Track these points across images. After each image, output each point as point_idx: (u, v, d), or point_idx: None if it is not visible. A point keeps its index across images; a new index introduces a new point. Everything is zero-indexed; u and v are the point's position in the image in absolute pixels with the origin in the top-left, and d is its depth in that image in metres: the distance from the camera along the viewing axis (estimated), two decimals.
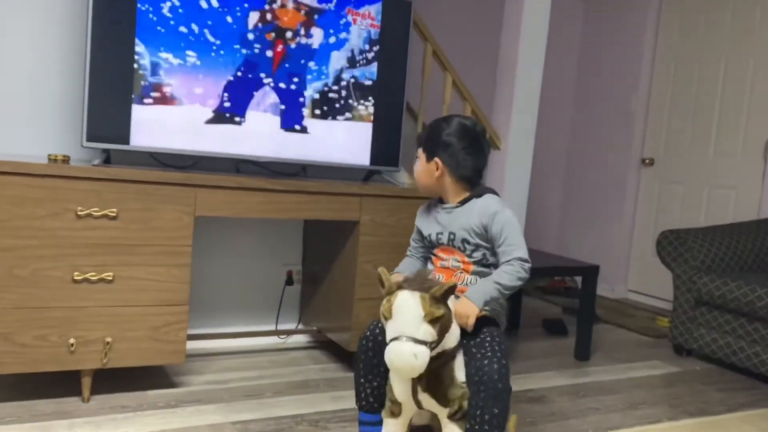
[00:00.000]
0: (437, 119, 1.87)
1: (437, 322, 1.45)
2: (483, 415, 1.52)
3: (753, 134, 4.03)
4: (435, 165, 1.81)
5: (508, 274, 1.69)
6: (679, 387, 2.86)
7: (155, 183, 2.15)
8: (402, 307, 1.44)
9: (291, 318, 3.05)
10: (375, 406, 1.71)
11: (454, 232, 1.80)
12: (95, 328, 2.10)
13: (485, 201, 1.79)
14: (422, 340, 1.42)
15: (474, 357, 1.59)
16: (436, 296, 1.47)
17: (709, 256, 3.24)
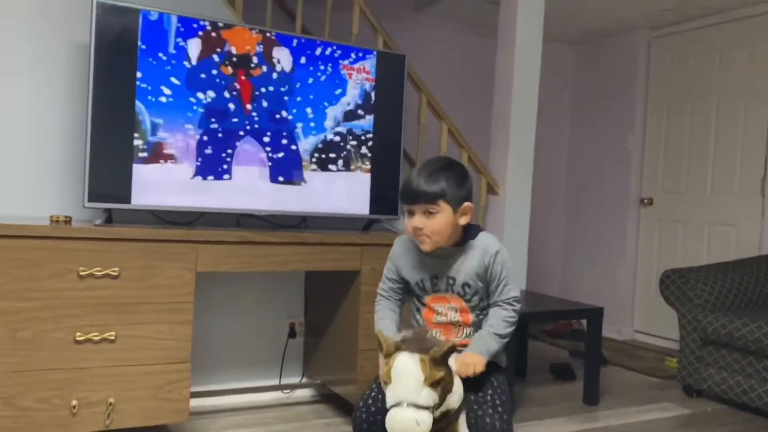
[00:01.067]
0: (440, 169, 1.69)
1: (438, 384, 1.41)
2: None
3: (749, 171, 4.06)
4: (464, 211, 1.70)
5: (502, 321, 1.68)
6: (691, 429, 2.81)
7: (156, 241, 2.17)
8: (402, 372, 1.40)
9: (295, 371, 3.02)
10: None
11: (453, 277, 1.72)
12: (98, 388, 2.09)
13: (485, 241, 1.73)
14: (424, 405, 1.38)
15: (475, 413, 1.54)
16: (437, 358, 1.42)
17: (713, 294, 3.23)
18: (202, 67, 2.46)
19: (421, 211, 1.67)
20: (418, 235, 1.69)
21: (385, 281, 1.85)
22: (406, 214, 1.72)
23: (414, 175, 1.70)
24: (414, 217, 1.68)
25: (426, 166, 1.70)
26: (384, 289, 1.85)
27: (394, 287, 1.83)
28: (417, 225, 1.67)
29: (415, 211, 1.68)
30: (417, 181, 1.67)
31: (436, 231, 1.67)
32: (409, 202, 1.69)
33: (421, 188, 1.66)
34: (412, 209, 1.68)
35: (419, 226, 1.66)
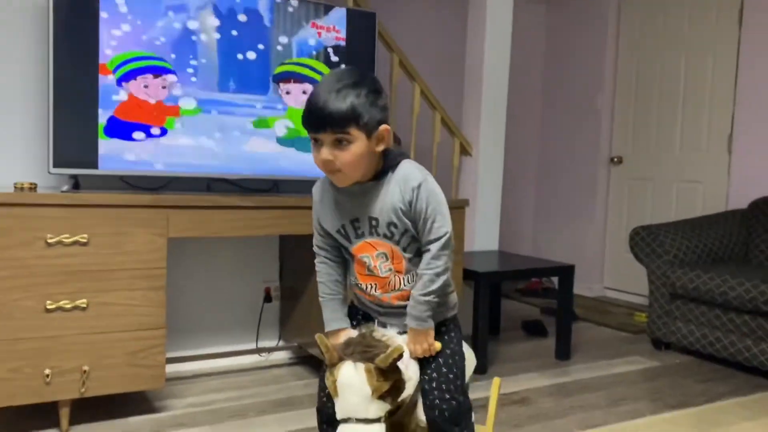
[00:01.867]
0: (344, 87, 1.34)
1: (388, 394, 1.32)
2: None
3: (716, 128, 4.11)
4: (380, 136, 1.39)
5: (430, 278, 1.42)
6: (659, 381, 2.89)
7: (126, 206, 2.13)
8: (347, 385, 1.30)
9: (271, 335, 3.03)
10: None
11: (376, 217, 1.43)
12: (71, 357, 2.07)
13: (405, 171, 1.42)
14: (374, 419, 1.30)
15: (426, 399, 1.44)
16: (383, 368, 1.30)
17: (681, 250, 3.30)
18: (168, 27, 2.39)
19: (329, 141, 1.35)
20: (328, 170, 1.39)
21: (316, 235, 1.58)
22: (312, 143, 1.40)
23: (318, 92, 1.35)
24: (322, 148, 1.36)
25: (330, 81, 1.35)
26: (318, 245, 1.59)
27: (327, 241, 1.56)
28: (326, 158, 1.35)
29: (323, 141, 1.36)
30: (322, 101, 1.33)
31: (349, 163, 1.36)
32: (314, 130, 1.36)
33: (327, 110, 1.32)
34: (318, 138, 1.36)
35: (329, 159, 1.35)
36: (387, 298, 1.49)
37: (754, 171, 3.84)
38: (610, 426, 2.32)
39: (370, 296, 1.51)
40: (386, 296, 1.49)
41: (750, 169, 3.87)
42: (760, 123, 3.81)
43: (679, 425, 2.34)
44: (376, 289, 1.49)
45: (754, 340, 2.89)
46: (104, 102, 2.31)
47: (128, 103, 2.35)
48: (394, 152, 1.46)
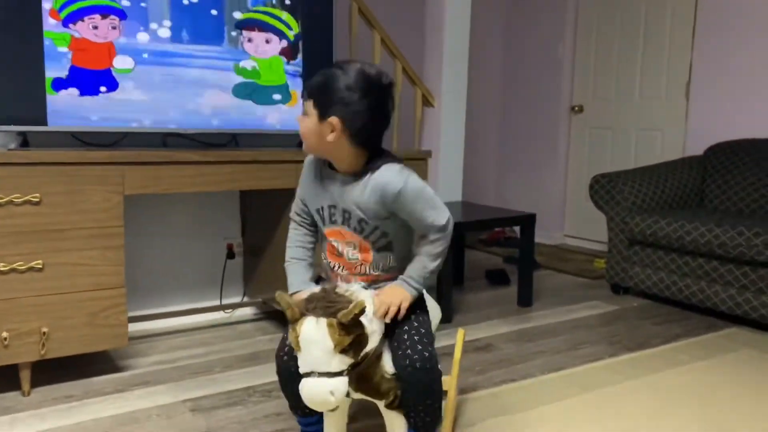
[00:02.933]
0: (335, 65, 1.47)
1: (350, 348, 1.33)
2: (417, 406, 1.48)
3: (674, 76, 4.15)
4: (330, 127, 1.43)
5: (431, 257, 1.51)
6: (617, 324, 2.98)
7: (78, 164, 2.06)
8: (309, 340, 1.30)
9: (235, 292, 3.01)
10: (309, 411, 1.56)
11: (349, 211, 1.50)
12: (29, 319, 2.02)
13: (386, 177, 1.45)
14: (336, 372, 1.32)
15: (396, 353, 1.46)
16: (345, 323, 1.31)
17: (640, 197, 3.36)
18: None
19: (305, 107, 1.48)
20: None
21: (297, 202, 1.65)
22: None
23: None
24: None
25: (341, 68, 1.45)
26: (296, 212, 1.66)
27: (306, 210, 1.63)
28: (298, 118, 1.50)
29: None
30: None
31: (302, 134, 1.48)
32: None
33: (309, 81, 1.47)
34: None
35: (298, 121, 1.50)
36: (353, 279, 1.56)
37: (710, 118, 3.90)
38: (571, 369, 2.39)
39: (337, 275, 1.59)
40: (352, 278, 1.56)
41: (706, 115, 3.93)
42: (716, 70, 3.86)
43: (636, 367, 2.42)
44: (343, 270, 1.57)
45: (707, 283, 2.99)
46: (51, 53, 2.21)
47: (77, 47, 2.25)
48: (382, 155, 1.51)
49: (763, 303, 2.78)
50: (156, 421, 1.93)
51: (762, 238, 2.73)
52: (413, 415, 1.50)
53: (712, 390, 2.21)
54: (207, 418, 1.96)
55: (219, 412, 2.01)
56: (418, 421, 1.51)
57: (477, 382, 2.26)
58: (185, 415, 1.98)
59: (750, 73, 3.69)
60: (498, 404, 2.07)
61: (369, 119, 1.43)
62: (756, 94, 3.66)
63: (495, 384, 2.24)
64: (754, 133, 3.64)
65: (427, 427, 1.52)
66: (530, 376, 2.32)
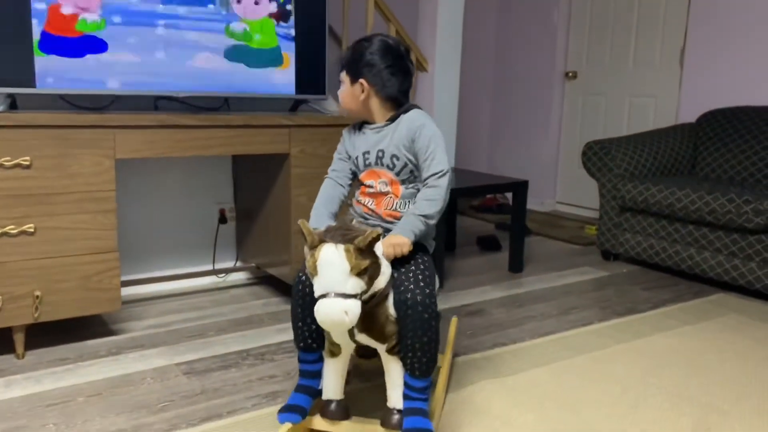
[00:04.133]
0: (359, 40, 1.76)
1: (365, 273, 1.40)
2: (414, 344, 1.53)
3: (669, 43, 4.13)
4: (360, 87, 1.72)
5: (430, 202, 1.66)
6: (607, 290, 3.01)
7: (69, 127, 2.04)
8: (327, 263, 1.38)
9: (228, 256, 3.02)
10: (314, 346, 1.66)
11: (382, 149, 1.73)
12: (22, 282, 2.02)
13: (412, 115, 1.74)
14: (351, 294, 1.38)
15: (398, 289, 1.55)
16: (361, 247, 1.40)
17: (632, 164, 3.37)
18: None
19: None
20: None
21: (336, 160, 1.87)
22: None
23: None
24: None
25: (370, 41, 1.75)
26: (334, 169, 1.87)
27: (344, 165, 1.85)
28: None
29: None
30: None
31: (341, 99, 1.78)
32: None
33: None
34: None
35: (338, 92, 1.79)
36: (379, 211, 1.75)
37: (703, 84, 3.90)
38: (562, 333, 2.42)
39: (367, 208, 1.77)
40: (379, 210, 1.75)
41: (700, 82, 3.92)
42: (712, 37, 3.84)
43: (625, 331, 2.46)
44: (373, 204, 1.77)
45: (697, 249, 3.02)
46: (38, 12, 2.16)
47: (60, 8, 2.20)
48: (409, 104, 1.78)
49: (751, 269, 2.81)
50: (150, 384, 1.95)
51: (752, 205, 2.75)
52: (410, 356, 1.54)
53: (699, 353, 2.25)
54: (201, 380, 1.98)
55: (213, 374, 2.03)
56: (414, 361, 1.55)
57: (468, 345, 2.29)
58: (179, 378, 2.00)
59: (745, 42, 3.67)
60: (489, 367, 2.10)
61: (390, 76, 1.72)
62: (750, 62, 3.65)
63: (486, 348, 2.27)
64: (747, 100, 3.64)
65: (424, 369, 1.56)
66: (521, 340, 2.35)
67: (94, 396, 1.87)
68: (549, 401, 1.87)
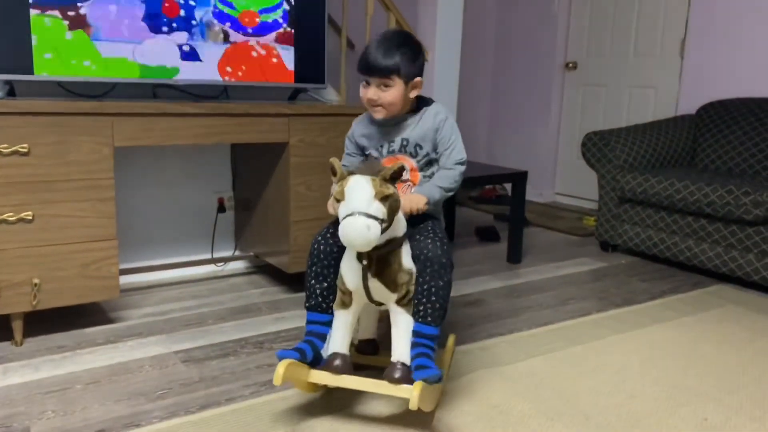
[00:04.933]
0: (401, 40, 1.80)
1: (387, 200, 1.52)
2: (430, 288, 1.63)
3: (670, 33, 4.11)
4: (413, 86, 1.83)
5: (448, 178, 1.84)
6: (605, 281, 3.02)
7: (67, 114, 2.03)
8: (354, 188, 1.50)
9: (227, 246, 3.02)
10: (323, 306, 1.74)
11: (407, 138, 1.86)
12: (20, 270, 2.02)
13: (437, 108, 1.89)
14: (374, 215, 1.49)
15: (418, 239, 1.70)
16: (386, 177, 1.55)
17: (632, 155, 3.36)
18: None
19: (376, 84, 1.80)
20: (372, 105, 1.83)
21: (345, 157, 1.97)
22: (362, 83, 1.83)
23: (372, 48, 1.79)
24: (369, 88, 1.81)
25: (384, 41, 1.79)
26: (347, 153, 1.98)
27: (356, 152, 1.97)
28: (371, 97, 1.81)
29: (371, 83, 1.80)
30: (375, 55, 1.77)
31: (388, 102, 1.81)
32: (367, 74, 1.80)
33: (378, 62, 1.77)
34: (369, 81, 1.81)
35: (374, 98, 1.81)
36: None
37: (703, 76, 3.89)
38: (559, 323, 2.43)
39: None
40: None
41: (700, 74, 3.91)
42: (712, 28, 3.82)
43: (623, 321, 2.46)
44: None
45: (695, 241, 3.02)
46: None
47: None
48: (427, 98, 1.92)
49: (749, 261, 2.82)
50: (148, 372, 1.96)
51: (750, 197, 2.75)
52: (425, 302, 1.63)
53: (697, 344, 2.26)
54: (199, 368, 1.99)
55: (211, 363, 2.03)
56: (428, 307, 1.63)
57: (467, 335, 2.29)
58: (177, 366, 2.00)
59: (745, 33, 3.66)
60: (487, 356, 2.10)
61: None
62: (750, 54, 3.64)
63: (484, 337, 2.28)
64: (747, 92, 3.63)
65: (437, 315, 1.64)
66: (519, 330, 2.36)
67: (92, 383, 1.87)
68: (546, 391, 1.88)
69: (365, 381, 1.63)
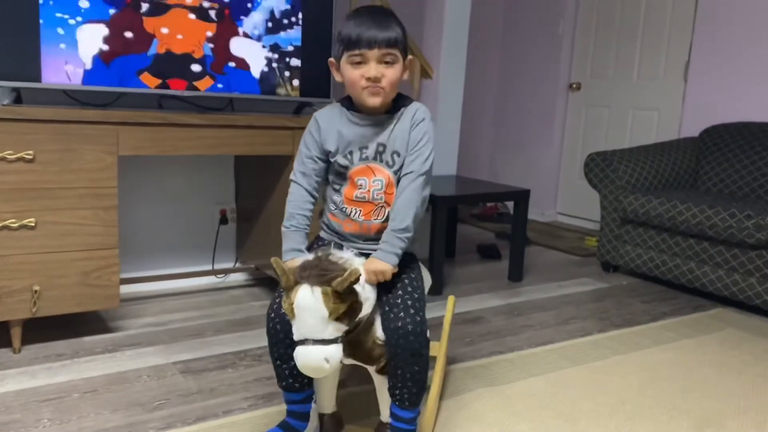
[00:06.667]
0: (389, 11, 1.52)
1: (344, 316, 1.33)
2: (405, 374, 1.46)
3: (673, 57, 4.14)
4: (411, 63, 1.54)
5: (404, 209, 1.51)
6: (606, 301, 3.01)
7: (73, 122, 2.04)
8: (304, 308, 1.29)
9: (228, 257, 3.01)
10: (297, 386, 1.55)
11: (384, 144, 1.54)
12: (21, 276, 2.02)
13: (414, 107, 1.57)
14: (331, 339, 1.31)
15: (388, 316, 1.47)
16: (340, 291, 1.31)
17: (634, 176, 3.37)
18: None
19: (376, 59, 1.45)
20: (372, 87, 1.47)
21: (304, 162, 1.59)
22: (347, 63, 1.48)
23: (363, 18, 1.46)
24: (368, 65, 1.46)
25: (372, 12, 1.49)
26: (301, 171, 1.60)
27: (314, 167, 1.59)
28: (375, 74, 1.45)
29: (369, 59, 1.45)
30: (370, 25, 1.44)
31: (392, 82, 1.48)
32: (366, 47, 1.44)
33: (382, 33, 1.44)
34: (366, 56, 1.45)
35: (377, 76, 1.46)
36: (367, 225, 1.56)
37: (706, 99, 3.90)
38: (560, 343, 2.42)
39: (351, 223, 1.58)
40: (367, 224, 1.56)
41: (703, 97, 3.92)
42: (716, 52, 3.84)
43: (624, 343, 2.45)
44: (360, 215, 1.57)
45: (697, 263, 3.01)
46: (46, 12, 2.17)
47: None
48: (406, 96, 1.60)
49: (750, 285, 2.81)
50: (146, 382, 1.95)
51: (753, 220, 2.75)
52: (400, 386, 1.48)
53: (697, 367, 2.24)
54: (197, 379, 1.98)
55: (209, 374, 2.02)
56: (405, 392, 1.48)
57: (466, 353, 2.28)
58: (176, 377, 1.99)
59: (749, 57, 3.68)
60: (486, 375, 2.09)
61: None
62: (754, 78, 3.66)
63: (484, 355, 2.26)
64: (750, 116, 3.64)
65: (414, 399, 1.49)
66: (519, 349, 2.34)
67: (89, 392, 1.86)
68: (545, 411, 1.87)
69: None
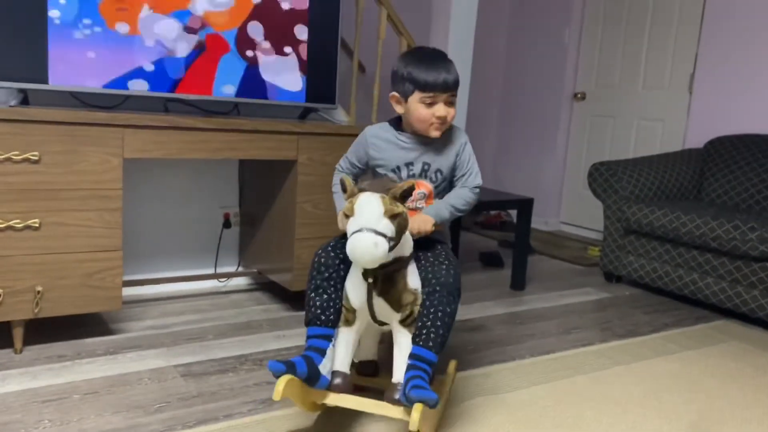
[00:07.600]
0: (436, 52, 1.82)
1: (396, 218, 1.53)
2: (437, 313, 1.62)
3: (679, 68, 4.14)
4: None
5: (461, 198, 1.85)
6: (609, 311, 3.00)
7: (79, 124, 2.04)
8: (363, 205, 1.51)
9: (230, 261, 3.01)
10: (322, 319, 1.66)
11: (429, 163, 1.84)
12: (24, 277, 2.02)
13: (457, 131, 1.89)
14: (382, 233, 1.49)
15: (431, 263, 1.70)
16: (396, 195, 1.56)
17: (638, 187, 3.37)
18: None
19: (444, 100, 1.77)
20: (438, 123, 1.79)
21: (349, 164, 1.94)
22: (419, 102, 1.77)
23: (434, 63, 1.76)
24: (437, 105, 1.77)
25: (435, 55, 1.79)
26: (344, 167, 1.95)
27: (354, 171, 1.94)
28: (443, 114, 1.77)
29: (438, 101, 1.77)
30: (440, 69, 1.75)
31: (453, 117, 1.81)
32: (441, 91, 1.76)
33: (451, 77, 1.76)
34: (436, 99, 1.76)
35: (444, 115, 1.78)
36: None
37: (712, 111, 3.90)
38: (562, 352, 2.41)
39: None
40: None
41: (708, 109, 3.92)
42: (722, 64, 3.85)
43: (626, 353, 2.44)
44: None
45: (700, 275, 3.01)
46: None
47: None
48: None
49: (753, 297, 2.80)
50: (147, 385, 1.94)
51: (757, 233, 2.74)
52: (429, 326, 1.61)
53: (700, 378, 2.24)
54: (198, 383, 1.97)
55: (210, 378, 2.02)
56: (431, 332, 1.60)
57: (468, 361, 2.27)
58: (176, 380, 1.99)
59: (754, 69, 3.68)
60: (488, 383, 2.09)
61: None
62: (759, 90, 3.66)
63: (486, 364, 2.26)
64: (755, 128, 3.64)
65: (438, 342, 1.61)
66: (521, 358, 2.34)
67: (90, 394, 1.86)
68: (547, 420, 1.86)
69: (365, 401, 1.61)
